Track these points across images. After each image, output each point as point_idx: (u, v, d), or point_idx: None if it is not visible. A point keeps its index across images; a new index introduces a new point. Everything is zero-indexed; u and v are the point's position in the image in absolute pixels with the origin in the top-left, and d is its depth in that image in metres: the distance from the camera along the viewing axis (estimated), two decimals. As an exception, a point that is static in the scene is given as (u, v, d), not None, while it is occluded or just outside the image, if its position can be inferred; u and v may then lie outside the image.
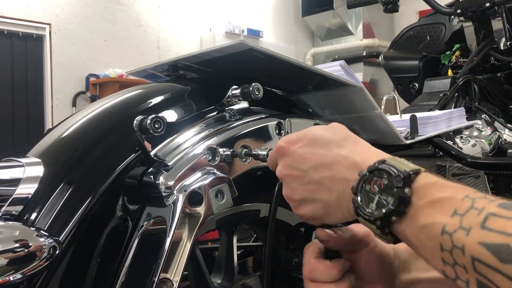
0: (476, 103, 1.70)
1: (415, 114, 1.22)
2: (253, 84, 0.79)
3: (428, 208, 0.48)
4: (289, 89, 0.96)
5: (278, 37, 6.92)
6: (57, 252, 0.58)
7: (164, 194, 0.66)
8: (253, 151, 0.74)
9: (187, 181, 0.67)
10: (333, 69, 0.93)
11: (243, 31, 6.15)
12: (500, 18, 1.60)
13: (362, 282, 0.67)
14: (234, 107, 0.81)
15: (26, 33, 4.74)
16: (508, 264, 0.41)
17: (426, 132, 1.21)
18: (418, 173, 0.50)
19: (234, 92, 0.80)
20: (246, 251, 1.22)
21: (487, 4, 1.53)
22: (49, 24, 4.86)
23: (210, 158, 0.71)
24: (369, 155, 0.56)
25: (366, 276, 0.66)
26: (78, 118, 0.73)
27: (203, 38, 6.07)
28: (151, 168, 0.68)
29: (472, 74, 1.70)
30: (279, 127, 0.81)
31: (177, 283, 0.63)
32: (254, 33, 6.28)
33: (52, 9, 4.88)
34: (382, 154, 0.56)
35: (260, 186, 0.83)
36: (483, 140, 1.58)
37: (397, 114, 1.34)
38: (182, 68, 0.87)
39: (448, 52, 1.83)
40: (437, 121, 1.27)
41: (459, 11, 1.60)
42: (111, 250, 0.65)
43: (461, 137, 1.48)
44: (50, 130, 0.75)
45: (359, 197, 0.53)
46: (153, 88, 0.81)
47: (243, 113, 0.81)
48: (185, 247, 0.65)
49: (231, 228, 0.93)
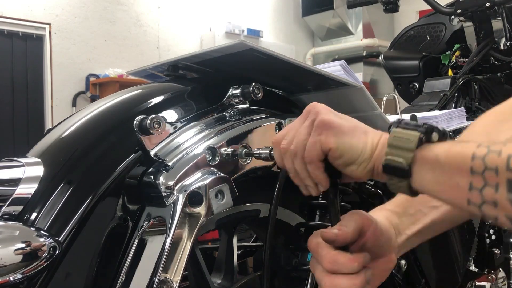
0: (476, 103, 1.70)
1: (415, 114, 1.22)
2: (253, 84, 0.79)
3: (453, 143, 0.54)
4: (289, 89, 0.96)
5: (278, 37, 6.91)
6: (57, 252, 0.58)
7: (164, 194, 0.66)
8: (253, 150, 0.74)
9: (187, 181, 0.67)
10: (333, 69, 0.93)
11: (243, 31, 6.15)
12: (500, 18, 1.60)
13: (376, 260, 0.67)
14: (234, 107, 0.81)
15: (26, 33, 4.74)
16: None
17: (426, 132, 1.21)
18: None
19: (234, 92, 0.80)
20: (246, 251, 1.22)
21: (487, 4, 1.53)
22: (49, 24, 4.86)
23: (210, 158, 0.71)
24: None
25: (373, 255, 0.67)
26: (78, 118, 0.73)
27: (203, 38, 6.06)
28: (151, 168, 0.68)
29: (472, 74, 1.70)
30: (279, 127, 0.81)
31: (177, 283, 0.63)
32: (254, 33, 6.28)
33: (52, 9, 4.88)
34: None
35: (260, 186, 0.83)
36: (483, 140, 1.57)
37: (397, 114, 1.34)
38: (182, 68, 0.87)
39: (448, 52, 1.83)
40: (437, 121, 1.27)
41: (459, 11, 1.60)
42: (111, 250, 0.65)
43: (461, 137, 1.48)
44: (50, 130, 0.75)
45: (397, 120, 0.58)
46: (153, 88, 0.81)
47: (243, 113, 0.81)
48: (185, 247, 0.65)
49: (231, 228, 0.93)
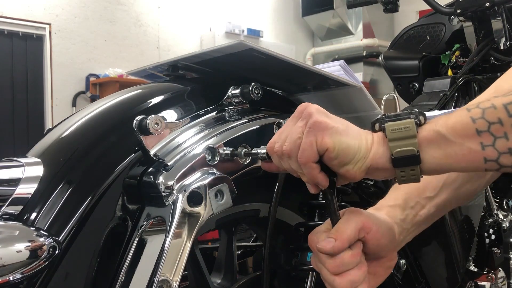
0: (476, 103, 1.69)
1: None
2: (252, 84, 0.79)
3: (444, 117, 0.57)
4: (289, 89, 0.96)
5: (278, 37, 6.91)
6: (56, 252, 0.58)
7: (163, 194, 0.66)
8: (252, 150, 0.74)
9: (186, 181, 0.67)
10: (333, 69, 0.93)
11: (243, 31, 6.15)
12: (500, 18, 1.60)
13: (378, 259, 0.68)
14: (234, 107, 0.81)
15: (26, 33, 4.74)
16: None
17: (426, 132, 1.21)
18: None
19: (233, 92, 0.80)
20: (246, 251, 1.22)
21: (487, 4, 1.53)
22: (49, 24, 4.86)
23: (210, 158, 0.71)
24: None
25: (376, 255, 0.68)
26: (78, 118, 0.73)
27: (203, 38, 6.06)
28: (151, 168, 0.68)
29: (472, 74, 1.70)
30: (279, 127, 0.81)
31: (177, 283, 0.63)
32: (254, 33, 6.28)
33: (52, 9, 4.88)
34: None
35: (259, 186, 0.83)
36: (483, 140, 1.57)
37: (397, 114, 1.33)
38: (182, 68, 0.87)
39: (448, 52, 1.83)
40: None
41: (459, 11, 1.60)
42: (111, 250, 0.65)
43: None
44: (50, 130, 0.75)
45: (381, 117, 0.60)
46: (153, 88, 0.81)
47: (242, 113, 0.81)
48: (185, 247, 0.65)
49: (231, 228, 0.93)
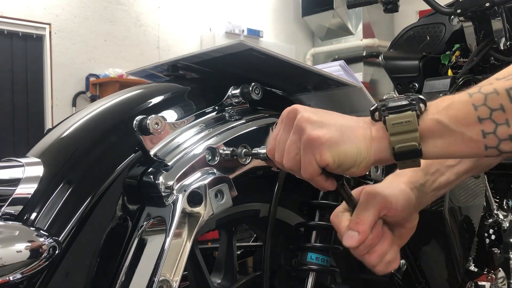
0: (476, 103, 1.69)
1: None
2: (252, 84, 0.79)
3: (444, 98, 0.56)
4: (289, 89, 0.96)
5: (278, 37, 6.91)
6: (56, 252, 0.58)
7: (163, 194, 0.66)
8: (252, 150, 0.74)
9: (186, 181, 0.67)
10: (333, 69, 0.93)
11: (243, 31, 6.15)
12: (500, 18, 1.60)
13: (401, 224, 0.70)
14: (234, 107, 0.81)
15: (26, 33, 4.74)
16: None
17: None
18: None
19: (233, 92, 0.80)
20: (246, 251, 1.22)
21: (487, 4, 1.53)
22: (49, 24, 4.86)
23: (210, 158, 0.71)
24: None
25: (397, 224, 0.70)
26: (78, 118, 0.73)
27: (203, 38, 6.06)
28: (151, 168, 0.68)
29: (472, 74, 1.70)
30: (279, 127, 0.81)
31: (177, 283, 0.63)
32: (254, 33, 6.28)
33: (52, 9, 4.88)
34: None
35: (259, 186, 0.83)
36: (483, 140, 1.57)
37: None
38: (182, 68, 0.87)
39: (448, 52, 1.83)
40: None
41: (459, 11, 1.60)
42: (111, 250, 0.65)
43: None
44: (50, 130, 0.75)
45: (385, 102, 0.59)
46: (153, 88, 0.81)
47: (242, 113, 0.81)
48: (185, 247, 0.65)
49: (231, 228, 0.93)
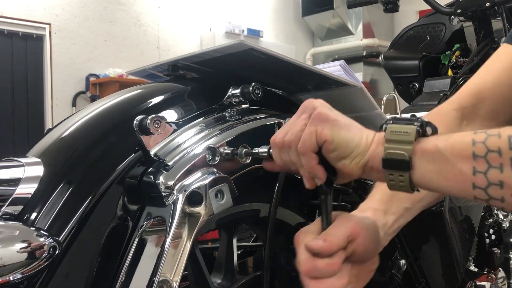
0: (476, 103, 1.69)
1: (415, 114, 1.22)
2: (253, 84, 0.79)
3: (449, 135, 0.56)
4: (289, 89, 0.96)
5: (278, 37, 6.91)
6: (57, 252, 0.58)
7: (164, 194, 0.66)
8: (253, 150, 0.74)
9: (187, 181, 0.67)
10: (333, 69, 0.93)
11: (243, 31, 6.15)
12: (500, 18, 1.60)
13: (361, 263, 0.67)
14: (234, 107, 0.81)
15: (26, 33, 4.74)
16: None
17: (426, 132, 1.21)
18: None
19: (234, 92, 0.80)
20: (246, 251, 1.22)
21: (487, 4, 1.53)
22: (49, 24, 4.86)
23: (210, 158, 0.71)
24: None
25: (359, 258, 0.67)
26: (78, 118, 0.73)
27: (203, 38, 6.06)
28: (151, 168, 0.68)
29: (472, 74, 1.70)
30: (279, 127, 0.81)
31: (177, 283, 0.63)
32: (254, 33, 6.28)
33: (52, 9, 4.88)
34: None
35: (260, 186, 0.83)
36: (483, 140, 1.57)
37: (397, 114, 1.33)
38: (182, 68, 0.87)
39: (448, 52, 1.83)
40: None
41: (459, 11, 1.60)
42: (111, 250, 0.65)
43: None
44: (50, 130, 0.75)
45: (390, 118, 0.60)
46: (153, 88, 0.81)
47: (243, 113, 0.81)
48: (185, 247, 0.65)
49: (231, 228, 0.93)
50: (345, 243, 0.64)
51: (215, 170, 0.70)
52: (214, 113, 0.79)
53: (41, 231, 0.58)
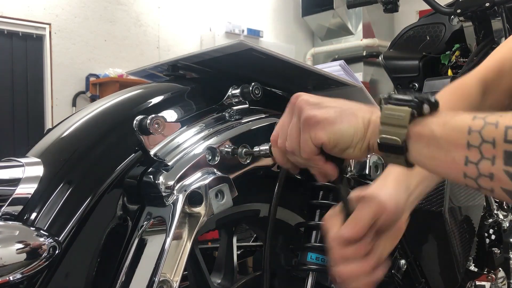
0: (476, 103, 1.69)
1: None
2: (252, 84, 0.79)
3: (455, 114, 0.54)
4: (289, 89, 0.96)
5: (278, 37, 6.91)
6: (57, 251, 0.58)
7: (164, 194, 0.66)
8: (253, 148, 0.74)
9: (187, 181, 0.67)
10: (333, 69, 0.93)
11: (243, 31, 6.14)
12: (500, 18, 1.60)
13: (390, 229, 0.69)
14: (234, 107, 0.81)
15: (26, 33, 4.74)
16: None
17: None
18: None
19: (233, 92, 0.80)
20: (246, 251, 1.22)
21: (487, 4, 1.53)
22: (49, 24, 4.86)
23: (210, 158, 0.71)
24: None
25: (385, 228, 0.69)
26: (78, 118, 0.73)
27: (203, 38, 6.06)
28: (151, 168, 0.68)
29: (472, 74, 1.69)
30: (279, 127, 0.81)
31: (177, 283, 0.63)
32: (254, 33, 6.28)
33: (52, 9, 4.88)
34: None
35: (259, 185, 0.83)
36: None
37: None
38: (182, 68, 0.87)
39: (448, 52, 1.83)
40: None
41: (459, 11, 1.60)
42: (111, 250, 0.65)
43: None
44: (50, 130, 0.75)
45: (391, 95, 0.57)
46: (153, 88, 0.81)
47: (243, 113, 0.81)
48: (185, 247, 0.65)
49: (231, 228, 0.93)
50: (372, 222, 0.65)
51: (215, 170, 0.70)
52: (214, 113, 0.79)
53: (41, 231, 0.58)
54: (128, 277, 0.64)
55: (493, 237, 1.40)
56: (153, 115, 0.68)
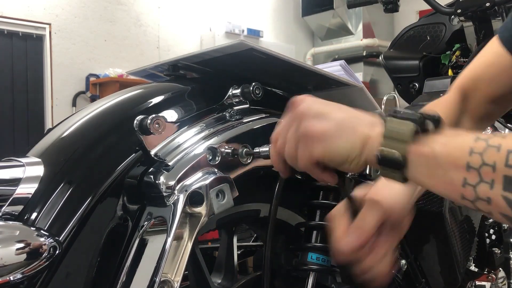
0: (476, 103, 1.69)
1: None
2: (253, 84, 0.79)
3: (458, 132, 0.53)
4: (289, 89, 0.96)
5: (278, 37, 6.91)
6: (57, 252, 0.58)
7: (164, 194, 0.66)
8: (254, 149, 0.74)
9: (188, 181, 0.67)
10: (333, 69, 0.93)
11: (243, 31, 6.15)
12: (500, 18, 1.59)
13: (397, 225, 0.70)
14: (235, 107, 0.81)
15: (26, 33, 4.74)
16: None
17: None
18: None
19: (234, 92, 0.80)
20: (246, 251, 1.22)
21: (487, 4, 1.53)
22: (49, 24, 4.86)
23: (211, 158, 0.71)
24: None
25: (399, 221, 0.70)
26: (78, 118, 0.73)
27: (203, 38, 6.06)
28: (152, 168, 0.68)
29: (472, 74, 1.69)
30: (280, 127, 0.81)
31: (178, 283, 0.63)
32: (254, 33, 6.28)
33: (52, 9, 4.88)
34: None
35: (260, 186, 0.83)
36: (483, 140, 1.58)
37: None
38: (182, 68, 0.87)
39: (448, 52, 1.82)
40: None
41: (459, 11, 1.60)
42: (112, 250, 0.65)
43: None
44: (50, 130, 0.75)
45: (392, 110, 0.56)
46: (153, 88, 0.81)
47: (243, 112, 0.81)
48: (186, 247, 0.64)
49: (231, 228, 0.93)
50: (376, 227, 0.66)
51: (216, 170, 0.70)
52: (214, 113, 0.79)
53: (42, 231, 0.58)
54: (129, 277, 0.64)
55: (493, 237, 1.40)
56: (154, 115, 0.68)
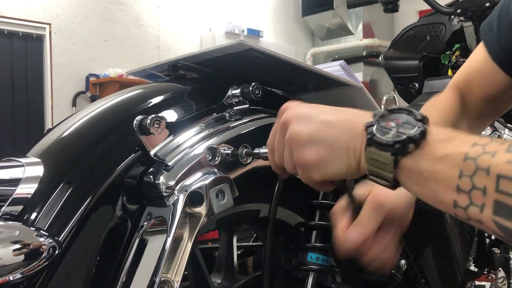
0: (476, 103, 1.69)
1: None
2: (253, 84, 0.79)
3: (445, 143, 0.49)
4: (289, 89, 0.96)
5: (278, 37, 6.92)
6: (57, 252, 0.58)
7: (164, 194, 0.66)
8: (253, 150, 0.74)
9: (187, 181, 0.67)
10: (333, 69, 0.93)
11: (243, 31, 6.15)
12: (500, 18, 1.60)
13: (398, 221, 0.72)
14: (234, 107, 0.81)
15: (26, 33, 4.74)
16: None
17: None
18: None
19: (234, 92, 0.80)
20: (246, 251, 1.22)
21: (487, 4, 1.53)
22: (49, 24, 4.86)
23: (211, 158, 0.71)
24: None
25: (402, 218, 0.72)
26: (78, 118, 0.73)
27: (203, 38, 6.06)
28: (151, 168, 0.68)
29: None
30: (279, 127, 0.81)
31: (178, 283, 0.63)
32: (254, 33, 6.28)
33: (52, 9, 4.88)
34: None
35: (260, 186, 0.83)
36: (483, 140, 1.58)
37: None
38: (182, 68, 0.87)
39: (448, 52, 1.82)
40: (437, 121, 1.27)
41: (459, 11, 1.60)
42: (111, 250, 0.65)
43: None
44: (50, 130, 0.75)
45: (374, 128, 0.53)
46: (153, 88, 0.81)
47: (243, 113, 0.81)
48: (186, 247, 0.64)
49: (231, 228, 0.93)
50: (378, 225, 0.68)
51: (215, 170, 0.70)
52: (214, 113, 0.79)
53: (41, 231, 0.58)
54: (128, 277, 0.64)
55: (493, 237, 1.40)
56: (153, 115, 0.68)
